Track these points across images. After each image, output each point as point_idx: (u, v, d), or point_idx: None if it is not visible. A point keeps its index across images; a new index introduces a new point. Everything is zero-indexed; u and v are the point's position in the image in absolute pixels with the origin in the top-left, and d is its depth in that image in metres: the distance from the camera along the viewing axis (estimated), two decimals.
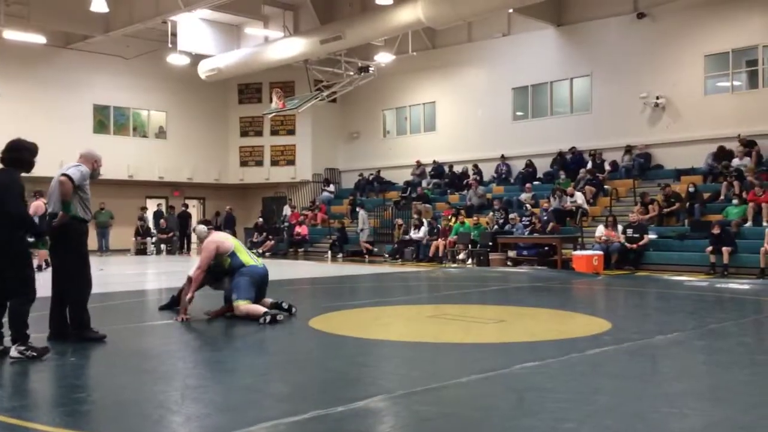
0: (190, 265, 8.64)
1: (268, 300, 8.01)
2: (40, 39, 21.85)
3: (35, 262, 15.74)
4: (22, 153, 5.77)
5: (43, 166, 24.89)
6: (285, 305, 8.03)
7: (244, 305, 7.56)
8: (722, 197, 16.33)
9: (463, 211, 19.87)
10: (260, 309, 7.54)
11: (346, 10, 22.78)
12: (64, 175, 6.51)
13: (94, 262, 20.44)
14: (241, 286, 7.64)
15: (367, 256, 20.73)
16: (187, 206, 26.52)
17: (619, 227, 15.78)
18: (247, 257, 7.95)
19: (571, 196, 17.97)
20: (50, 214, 6.64)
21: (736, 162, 16.98)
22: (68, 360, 5.87)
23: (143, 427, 3.90)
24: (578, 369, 5.29)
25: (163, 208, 26.53)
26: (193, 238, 26.96)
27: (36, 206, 15.85)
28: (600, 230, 15.89)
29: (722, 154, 17.62)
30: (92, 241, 23.95)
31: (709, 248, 14.24)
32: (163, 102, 26.67)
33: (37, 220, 15.52)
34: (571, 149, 20.55)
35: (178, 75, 25.65)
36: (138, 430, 3.85)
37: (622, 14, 20.15)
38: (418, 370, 5.36)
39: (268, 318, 7.37)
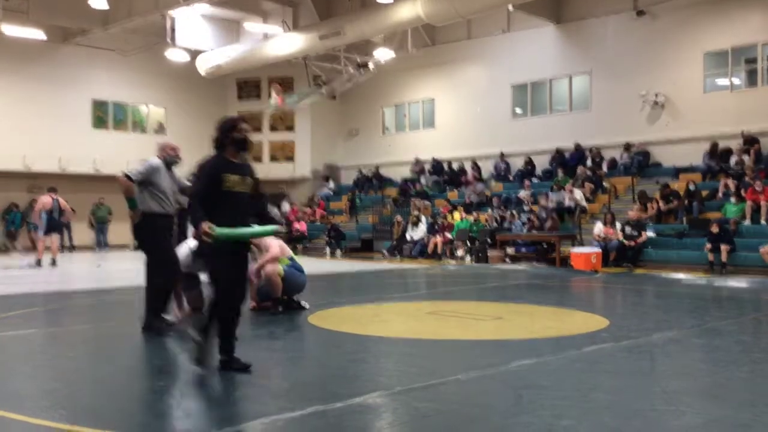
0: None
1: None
2: (39, 34, 21.82)
3: (34, 257, 15.80)
4: (222, 133, 5.20)
5: (41, 161, 24.92)
6: (298, 300, 8.27)
7: (276, 273, 7.85)
8: (720, 195, 16.34)
9: (460, 208, 19.89)
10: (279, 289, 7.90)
11: (346, 6, 22.76)
12: (123, 173, 6.64)
13: (92, 257, 20.35)
14: (296, 276, 8.08)
15: None
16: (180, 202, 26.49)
17: (618, 225, 15.80)
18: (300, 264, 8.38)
19: (570, 192, 17.99)
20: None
21: (734, 160, 17.00)
22: (67, 356, 5.88)
23: (143, 421, 3.90)
24: (576, 366, 5.30)
25: None
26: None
27: (43, 202, 15.77)
28: (599, 228, 15.90)
29: (716, 151, 17.71)
30: (91, 237, 24.03)
31: (708, 246, 14.26)
32: (162, 97, 26.64)
33: (45, 216, 15.54)
34: (576, 146, 20.55)
35: (177, 70, 25.62)
36: (138, 424, 3.86)
37: (621, 12, 20.13)
38: (416, 366, 5.37)
39: (280, 308, 7.88)
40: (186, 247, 7.80)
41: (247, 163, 5.24)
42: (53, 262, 15.62)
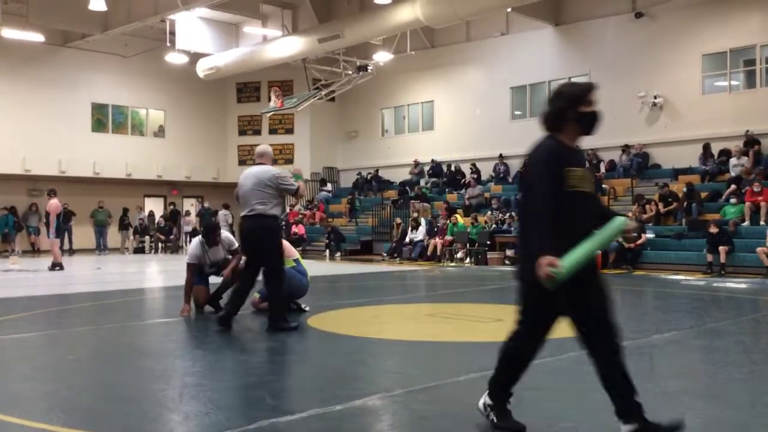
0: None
1: None
2: (38, 37, 21.84)
3: (30, 262, 15.73)
4: (567, 105, 3.57)
5: (40, 164, 24.90)
6: (298, 302, 8.25)
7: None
8: (723, 198, 16.31)
9: (460, 211, 19.89)
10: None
11: (345, 8, 22.80)
12: (296, 189, 7.04)
13: (92, 260, 20.31)
14: (297, 279, 7.97)
15: None
16: (174, 204, 26.51)
17: None
18: (305, 267, 8.33)
19: None
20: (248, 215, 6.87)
21: (733, 161, 17.01)
22: (67, 358, 5.88)
23: (141, 425, 3.90)
24: (576, 367, 5.29)
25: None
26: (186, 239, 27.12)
27: (56, 205, 15.70)
28: None
29: (708, 152, 17.77)
30: (90, 240, 24.03)
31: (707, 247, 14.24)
32: (161, 101, 26.66)
33: (55, 219, 15.48)
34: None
35: (176, 74, 25.65)
36: (136, 428, 3.85)
37: (620, 13, 20.17)
38: (416, 368, 5.37)
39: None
40: (196, 241, 7.99)
41: (581, 149, 3.76)
42: (53, 266, 15.57)
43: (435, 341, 6.57)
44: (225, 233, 8.31)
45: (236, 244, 8.16)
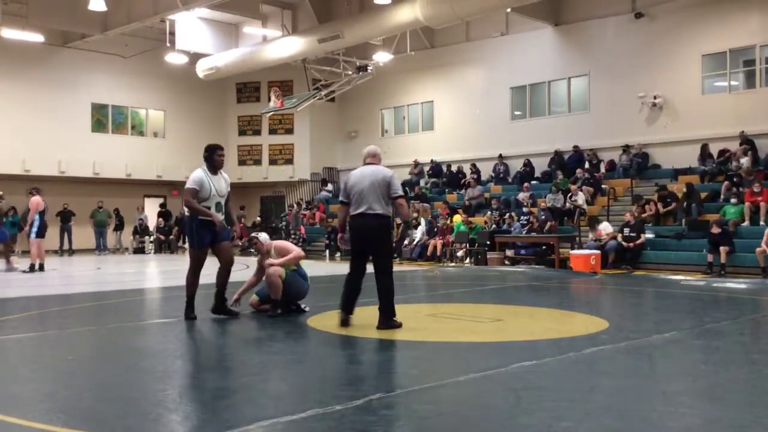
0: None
1: None
2: (38, 38, 21.86)
3: (27, 262, 15.61)
4: None
5: (40, 165, 24.85)
6: (298, 303, 8.25)
7: (278, 274, 7.80)
8: (722, 197, 16.31)
9: (460, 210, 19.89)
10: (279, 291, 7.85)
11: (345, 9, 22.80)
12: (401, 196, 7.08)
13: (92, 261, 20.26)
14: (299, 283, 8.06)
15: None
16: (165, 206, 26.47)
17: (608, 225, 15.79)
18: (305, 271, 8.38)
19: (575, 194, 17.97)
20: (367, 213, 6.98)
21: (734, 161, 17.01)
22: (67, 358, 5.88)
23: (141, 425, 3.90)
24: (576, 368, 5.30)
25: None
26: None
27: (37, 203, 15.44)
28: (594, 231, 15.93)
29: (706, 153, 17.78)
30: (90, 240, 24.03)
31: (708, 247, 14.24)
32: (161, 101, 26.68)
33: (37, 217, 15.25)
34: (574, 147, 20.55)
35: (176, 74, 25.66)
36: (136, 428, 3.85)
37: (619, 14, 20.18)
38: (416, 368, 5.37)
39: (279, 311, 7.85)
40: (199, 170, 8.06)
41: None
42: (41, 267, 15.14)
43: (435, 341, 6.56)
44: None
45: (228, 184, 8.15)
